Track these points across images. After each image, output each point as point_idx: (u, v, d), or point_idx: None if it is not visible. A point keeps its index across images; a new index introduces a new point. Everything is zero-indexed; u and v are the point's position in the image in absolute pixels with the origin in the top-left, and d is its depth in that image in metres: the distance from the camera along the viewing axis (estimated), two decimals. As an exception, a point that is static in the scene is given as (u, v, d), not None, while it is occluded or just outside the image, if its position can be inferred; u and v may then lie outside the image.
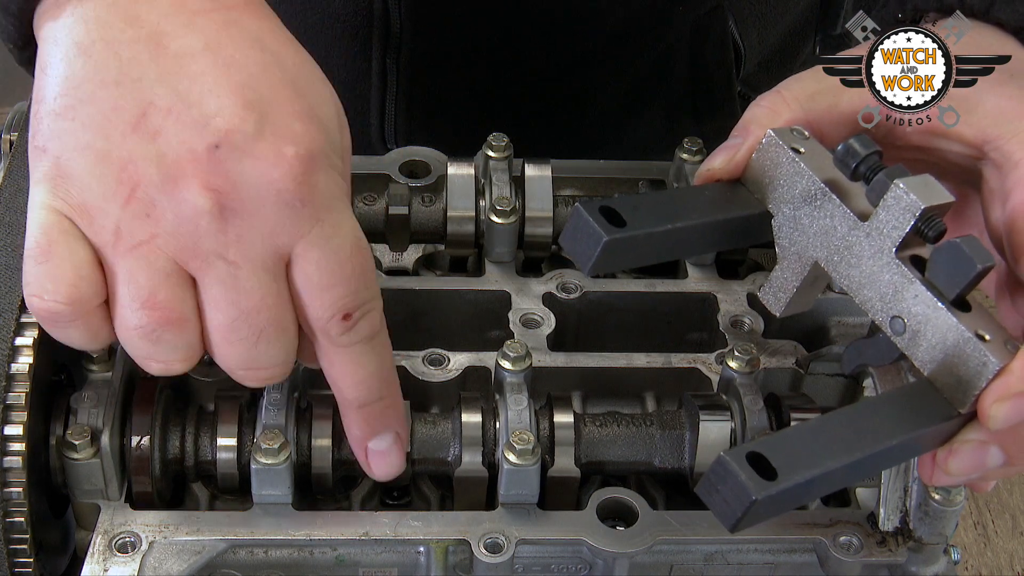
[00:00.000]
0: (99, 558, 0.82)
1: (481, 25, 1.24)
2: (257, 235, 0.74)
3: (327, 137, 0.77)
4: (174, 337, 0.75)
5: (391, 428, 0.83)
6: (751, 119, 0.85)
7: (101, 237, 0.74)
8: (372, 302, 0.79)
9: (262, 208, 0.73)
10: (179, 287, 0.74)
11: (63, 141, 0.74)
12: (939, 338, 0.76)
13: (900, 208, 0.76)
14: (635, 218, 0.77)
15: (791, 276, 0.83)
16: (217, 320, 0.75)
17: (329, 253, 0.75)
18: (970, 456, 0.76)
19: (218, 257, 0.73)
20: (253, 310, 0.74)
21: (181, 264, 0.74)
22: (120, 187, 0.73)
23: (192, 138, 0.73)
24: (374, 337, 0.80)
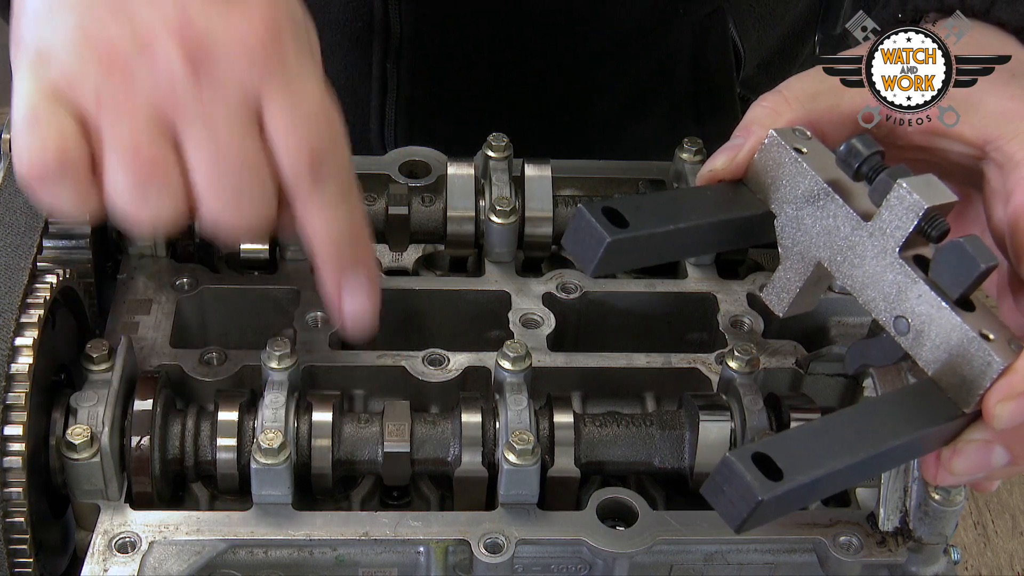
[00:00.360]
0: (99, 558, 0.82)
1: (481, 30, 1.24)
2: (231, 91, 0.78)
3: (293, 9, 0.83)
4: (160, 186, 0.78)
5: (361, 267, 0.86)
6: (753, 119, 0.85)
7: (84, 103, 0.77)
8: (340, 158, 0.83)
9: (231, 59, 0.78)
10: (161, 140, 0.78)
11: (42, 32, 0.79)
12: (943, 338, 0.76)
13: (903, 208, 0.76)
14: (638, 219, 0.77)
15: (794, 276, 0.83)
16: (199, 175, 0.78)
17: (295, 104, 0.80)
18: (974, 456, 0.76)
19: (195, 114, 0.77)
20: (232, 163, 0.78)
21: (161, 121, 0.77)
22: (99, 56, 0.77)
23: (164, 7, 0.78)
24: (343, 193, 0.83)
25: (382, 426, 0.88)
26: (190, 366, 0.93)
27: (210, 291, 0.99)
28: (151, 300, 0.98)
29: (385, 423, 0.88)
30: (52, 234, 0.92)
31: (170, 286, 0.99)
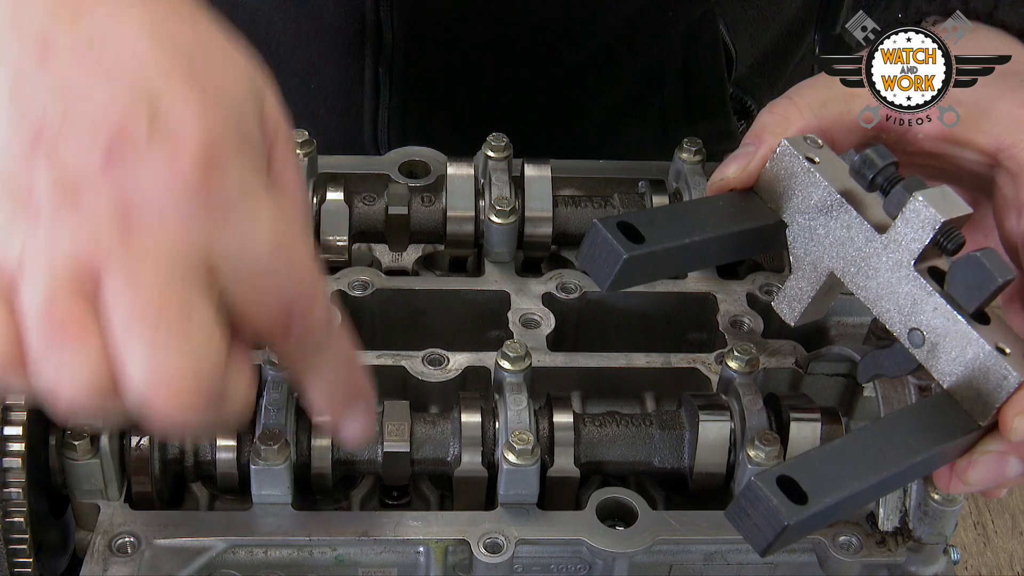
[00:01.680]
0: (99, 558, 0.82)
1: (473, 35, 1.24)
2: (160, 241, 0.67)
3: (232, 118, 0.70)
4: (73, 345, 0.67)
5: (356, 403, 0.76)
6: (763, 127, 0.85)
7: (8, 262, 0.68)
8: (308, 300, 0.71)
9: (163, 214, 0.67)
10: (80, 299, 0.67)
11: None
12: (959, 351, 0.76)
13: (919, 221, 0.76)
14: (652, 233, 0.77)
15: (806, 286, 0.83)
16: (114, 325, 0.67)
17: (246, 252, 0.68)
18: (990, 466, 0.76)
19: (119, 268, 0.67)
20: (150, 307, 0.66)
21: (82, 278, 0.67)
22: (25, 213, 0.68)
23: (85, 147, 0.67)
24: (320, 336, 0.72)
25: (382, 426, 0.88)
26: (190, 366, 0.93)
27: (210, 291, 0.99)
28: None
29: (385, 423, 0.88)
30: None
31: (170, 286, 0.99)
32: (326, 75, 1.28)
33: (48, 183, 0.67)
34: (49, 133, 0.68)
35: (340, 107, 1.30)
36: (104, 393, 0.67)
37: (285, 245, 0.69)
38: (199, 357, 0.67)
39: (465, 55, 1.26)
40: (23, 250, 0.67)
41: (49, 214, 0.67)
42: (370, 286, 1.00)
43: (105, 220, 0.66)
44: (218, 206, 0.68)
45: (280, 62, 1.30)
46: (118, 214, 0.67)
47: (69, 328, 0.66)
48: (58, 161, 0.67)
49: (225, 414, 0.69)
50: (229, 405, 0.69)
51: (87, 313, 0.67)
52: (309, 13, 1.24)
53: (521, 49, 1.26)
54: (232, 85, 0.72)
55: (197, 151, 0.67)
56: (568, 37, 1.26)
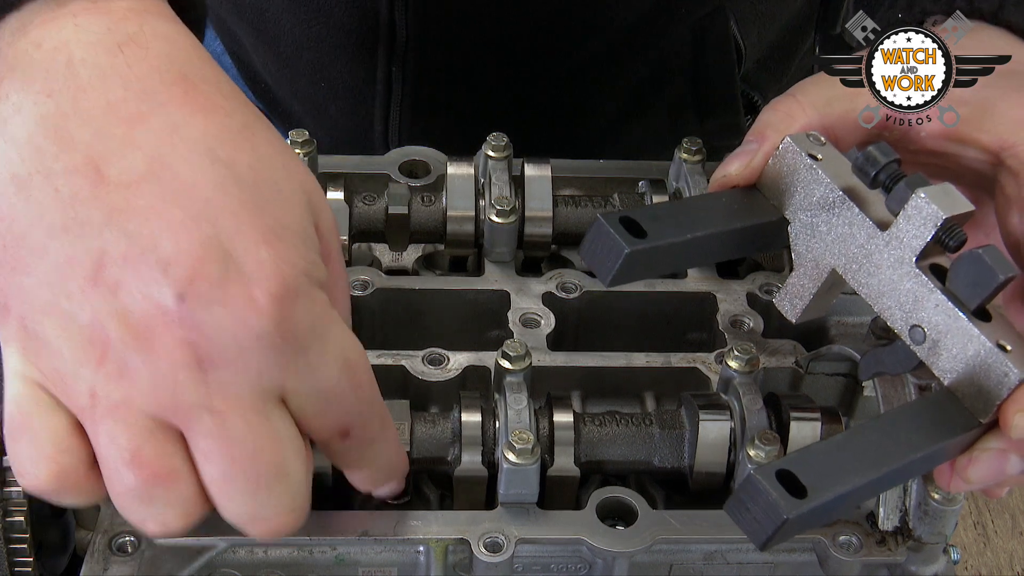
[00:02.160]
0: (99, 558, 0.82)
1: (484, 33, 1.24)
2: (241, 382, 0.68)
3: (300, 250, 0.71)
4: (166, 493, 0.69)
5: (393, 479, 0.82)
6: (766, 124, 0.85)
7: (77, 402, 0.69)
8: (369, 412, 0.75)
9: (242, 355, 0.68)
10: (165, 442, 0.69)
11: (24, 300, 0.69)
12: (960, 348, 0.76)
13: (921, 218, 0.76)
14: (655, 229, 0.77)
15: (808, 283, 0.83)
16: (211, 472, 0.69)
17: (319, 385, 0.71)
18: (990, 464, 0.76)
19: (202, 409, 0.68)
20: (247, 457, 0.69)
21: (164, 420, 0.69)
22: (91, 350, 0.68)
23: (154, 291, 0.67)
24: (376, 442, 0.77)
25: (382, 425, 0.88)
26: (190, 365, 0.93)
27: (210, 290, 0.99)
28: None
29: (385, 423, 0.88)
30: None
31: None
32: (336, 74, 1.28)
33: (115, 322, 0.67)
34: (110, 268, 0.67)
35: (350, 106, 1.30)
36: (197, 521, 0.71)
37: (350, 367, 0.72)
38: (296, 491, 0.72)
39: (477, 54, 1.26)
40: (94, 390, 0.68)
41: (120, 356, 0.67)
42: (370, 286, 1.00)
43: (181, 363, 0.67)
44: (292, 343, 0.69)
45: (290, 61, 1.30)
46: (193, 357, 0.67)
47: (160, 477, 0.69)
48: (126, 300, 0.67)
49: None
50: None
51: (175, 458, 0.69)
52: (320, 12, 1.24)
53: (531, 46, 1.26)
54: (295, 215, 0.72)
55: (272, 293, 0.68)
56: (580, 35, 1.26)
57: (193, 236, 0.67)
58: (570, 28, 1.26)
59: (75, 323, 0.68)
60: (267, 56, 1.32)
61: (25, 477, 0.70)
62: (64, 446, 0.69)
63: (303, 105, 1.34)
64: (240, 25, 1.30)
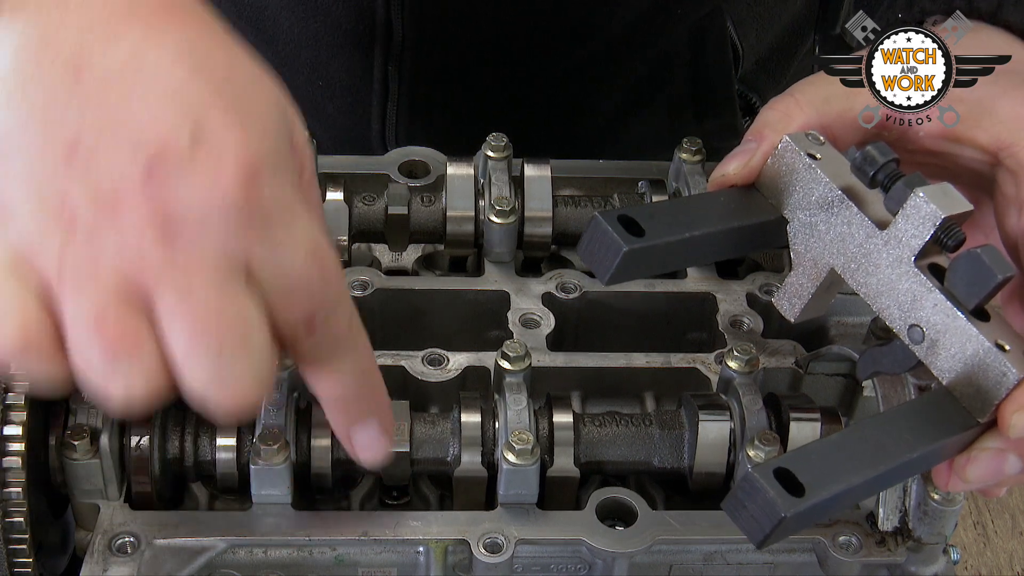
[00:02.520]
0: (98, 558, 0.82)
1: (481, 32, 1.24)
2: (206, 250, 0.69)
3: (269, 140, 0.73)
4: (130, 359, 0.70)
5: (372, 417, 0.81)
6: (765, 123, 0.85)
7: (44, 273, 0.70)
8: (335, 305, 0.75)
9: (207, 225, 0.69)
10: (130, 309, 0.69)
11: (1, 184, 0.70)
12: (958, 348, 0.76)
13: (920, 217, 0.76)
14: (653, 227, 0.77)
15: (806, 282, 0.83)
16: (176, 340, 0.70)
17: (282, 264, 0.72)
18: (988, 463, 0.76)
19: (168, 277, 0.69)
20: (210, 322, 0.69)
21: (130, 287, 0.69)
22: (59, 220, 0.69)
23: (125, 162, 0.69)
24: (342, 339, 0.76)
25: (382, 426, 0.88)
26: (190, 366, 0.93)
27: (210, 291, 0.99)
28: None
29: (385, 423, 0.88)
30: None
31: (170, 286, 0.99)
32: (334, 73, 1.28)
33: (85, 196, 0.69)
34: (85, 148, 0.69)
35: (348, 105, 1.30)
36: (160, 396, 0.70)
37: (318, 255, 0.73)
38: (259, 363, 0.71)
39: (474, 54, 1.26)
40: (61, 260, 0.69)
41: (88, 226, 0.68)
42: (370, 286, 1.00)
43: (148, 232, 0.68)
44: (258, 218, 0.70)
45: (287, 60, 1.30)
46: (160, 226, 0.68)
47: (124, 341, 0.69)
48: (95, 175, 0.69)
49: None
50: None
51: (140, 324, 0.69)
52: (317, 11, 1.24)
53: (529, 46, 1.26)
54: (266, 110, 0.74)
55: (239, 167, 0.69)
56: (577, 35, 1.26)
57: (166, 116, 0.69)
58: (567, 28, 1.26)
59: (46, 196, 0.69)
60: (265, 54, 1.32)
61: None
62: (31, 312, 0.69)
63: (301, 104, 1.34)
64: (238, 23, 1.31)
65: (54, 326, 0.70)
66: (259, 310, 0.71)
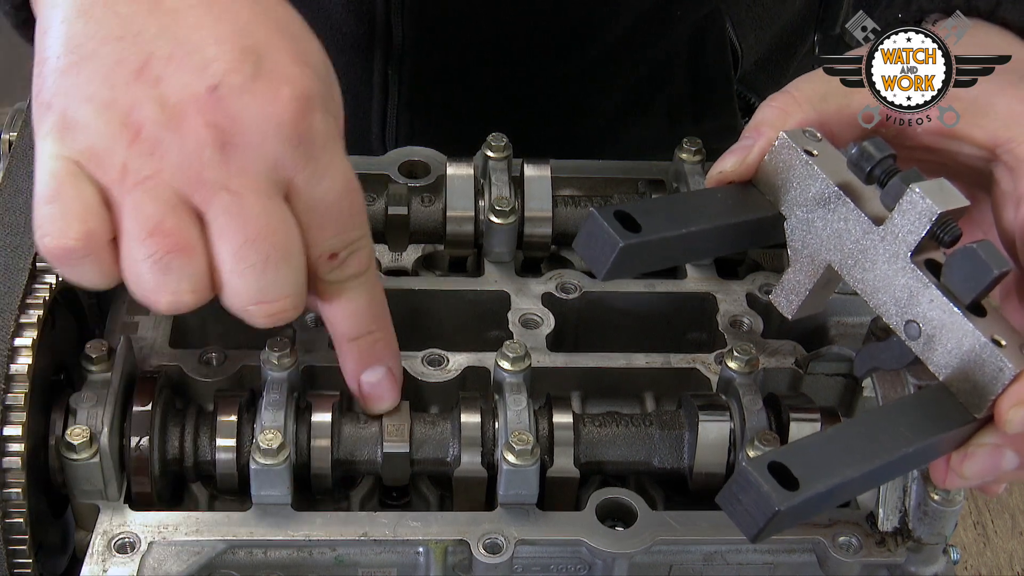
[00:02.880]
0: (98, 558, 0.82)
1: (481, 35, 1.24)
2: (259, 166, 0.76)
3: (320, 82, 0.80)
4: (182, 264, 0.76)
5: (383, 362, 0.87)
6: (762, 120, 0.85)
7: (108, 176, 0.76)
8: (360, 241, 0.82)
9: (262, 142, 0.76)
10: (186, 216, 0.76)
11: (68, 95, 0.77)
12: (955, 343, 0.76)
13: (916, 213, 0.76)
14: (649, 223, 0.77)
15: (804, 279, 0.83)
16: (224, 249, 0.76)
17: (321, 193, 0.79)
18: (985, 459, 0.76)
19: (222, 187, 0.76)
20: (259, 235, 0.76)
21: (187, 197, 0.76)
22: (125, 129, 0.76)
23: (193, 81, 0.76)
24: (362, 274, 0.83)
25: (381, 426, 0.88)
26: (190, 366, 0.93)
27: (209, 291, 0.99)
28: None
29: (384, 423, 0.88)
30: (51, 234, 0.92)
31: (169, 286, 0.99)
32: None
33: (152, 109, 0.75)
34: (155, 66, 0.76)
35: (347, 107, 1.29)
36: (201, 302, 0.78)
37: (351, 190, 0.81)
38: (298, 276, 0.79)
39: (473, 54, 1.26)
40: (125, 166, 0.76)
41: (153, 136, 0.76)
42: (370, 286, 1.00)
43: (208, 145, 0.75)
44: (307, 145, 0.78)
45: None
46: (219, 140, 0.76)
47: (179, 247, 0.76)
48: (163, 91, 0.76)
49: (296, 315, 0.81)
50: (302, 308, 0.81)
51: (193, 232, 0.76)
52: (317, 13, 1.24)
53: (528, 48, 1.26)
54: (318, 57, 0.82)
55: (295, 97, 0.77)
56: (576, 37, 1.26)
57: (234, 45, 0.77)
58: (567, 30, 1.26)
59: (114, 108, 0.76)
60: None
61: (52, 236, 0.76)
62: (93, 210, 0.76)
63: None
64: None
65: (111, 228, 0.76)
66: (296, 225, 0.78)
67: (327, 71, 0.82)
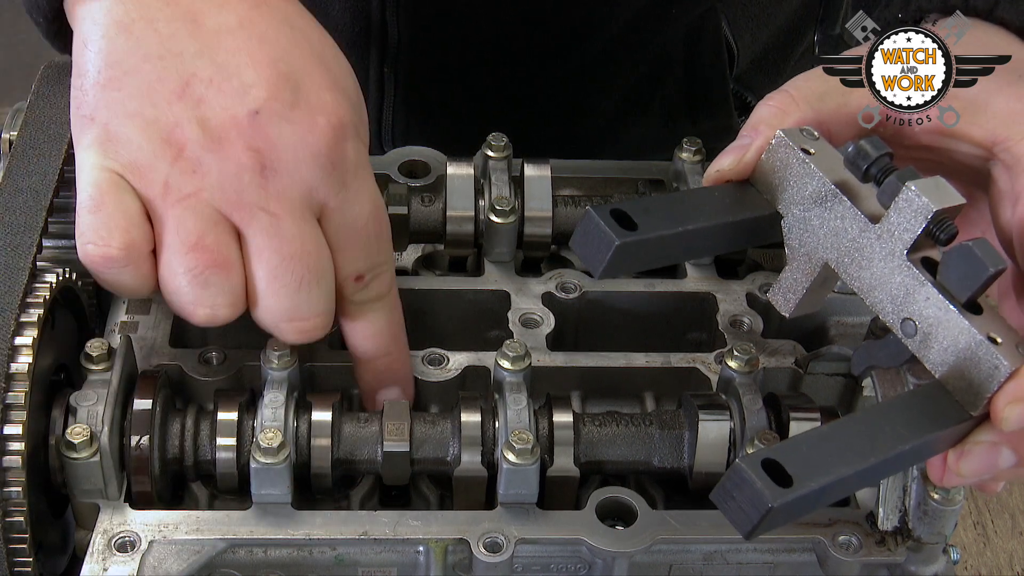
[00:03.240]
0: (98, 558, 0.82)
1: (477, 34, 1.24)
2: (295, 191, 0.80)
3: (353, 109, 0.84)
4: (221, 280, 0.80)
5: (398, 382, 0.91)
6: (760, 119, 0.85)
7: (151, 190, 0.79)
8: (384, 265, 0.86)
9: (299, 168, 0.80)
10: (225, 234, 0.79)
11: (111, 109, 0.80)
12: (951, 341, 0.76)
13: (912, 211, 0.76)
14: (646, 221, 0.77)
15: (801, 277, 0.83)
16: (261, 268, 0.80)
17: (352, 217, 0.83)
18: (982, 457, 0.76)
19: (260, 209, 0.79)
20: (294, 256, 0.80)
21: (226, 216, 0.79)
22: (168, 147, 0.79)
23: (234, 105, 0.79)
24: (383, 297, 0.87)
25: (381, 426, 0.88)
26: (190, 366, 0.93)
27: (210, 291, 0.99)
28: (150, 300, 0.98)
29: (384, 423, 0.88)
30: (52, 234, 0.92)
31: (170, 286, 0.99)
32: None
33: (195, 128, 0.79)
34: (198, 87, 0.80)
35: None
36: (233, 316, 0.82)
37: (379, 214, 0.85)
38: (328, 299, 0.83)
39: (470, 54, 1.26)
40: (168, 181, 0.79)
41: (196, 154, 0.79)
42: (370, 286, 1.00)
43: (248, 167, 0.79)
44: (340, 171, 0.82)
45: None
46: (259, 163, 0.79)
47: (217, 263, 0.79)
48: (206, 111, 0.79)
49: None
50: None
51: (232, 249, 0.80)
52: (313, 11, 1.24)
53: (526, 49, 1.26)
54: (351, 84, 0.86)
55: (330, 124, 0.81)
56: (572, 36, 1.26)
57: (273, 71, 0.80)
58: (563, 30, 1.26)
59: (157, 125, 0.79)
60: None
61: (95, 244, 0.80)
62: (135, 221, 0.79)
63: None
64: None
65: (152, 240, 0.80)
66: (331, 257, 0.83)
67: (358, 96, 0.86)
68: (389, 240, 0.87)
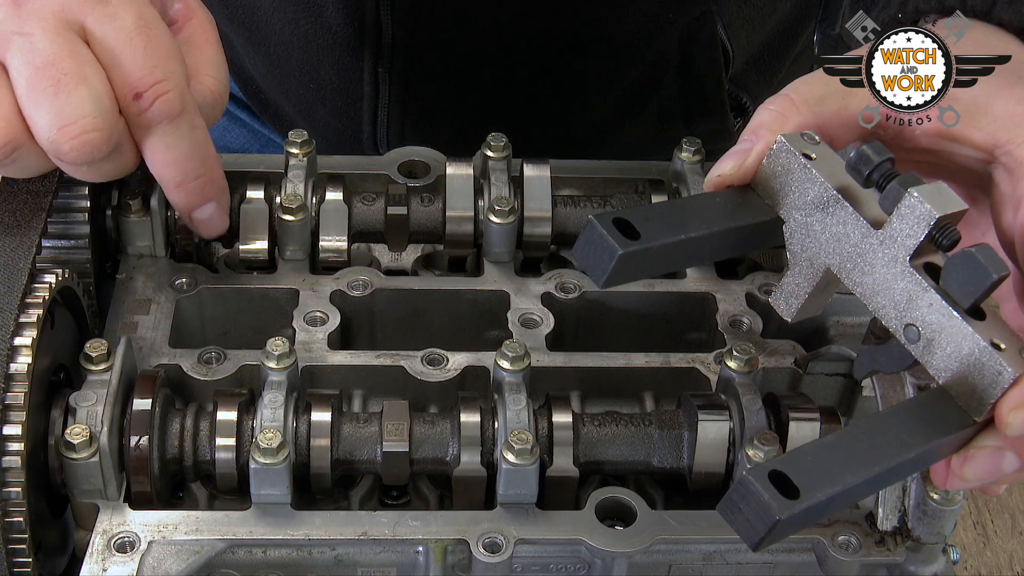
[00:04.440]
0: (98, 558, 0.82)
1: (472, 36, 1.24)
2: (47, 9, 0.83)
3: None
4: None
5: (211, 199, 0.92)
6: (760, 123, 0.85)
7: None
8: (165, 84, 0.85)
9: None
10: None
11: None
12: (954, 347, 0.76)
13: (914, 217, 0.76)
14: (648, 230, 0.77)
15: (803, 282, 0.83)
16: (21, 84, 0.82)
17: (112, 31, 0.84)
18: (986, 462, 0.76)
19: (15, 34, 0.82)
20: (47, 64, 0.81)
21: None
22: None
23: None
24: (177, 118, 0.86)
25: (381, 426, 0.88)
26: (189, 366, 0.93)
27: (209, 291, 0.99)
28: (150, 300, 0.98)
29: (384, 423, 0.88)
30: (51, 234, 0.92)
31: (169, 286, 0.99)
32: (325, 75, 1.28)
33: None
34: None
35: (339, 107, 1.30)
36: (16, 146, 0.83)
37: (143, 31, 0.85)
38: (99, 99, 0.82)
39: (464, 55, 1.26)
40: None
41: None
42: (369, 286, 1.00)
43: (5, 1, 0.83)
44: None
45: (279, 62, 1.30)
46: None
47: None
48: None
49: (122, 163, 0.87)
50: (126, 155, 0.86)
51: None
52: (308, 13, 1.24)
53: (520, 49, 1.26)
54: None
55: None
56: (568, 37, 1.26)
57: None
58: (558, 31, 1.25)
59: None
60: (257, 57, 1.33)
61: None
62: None
63: (294, 107, 1.35)
64: (231, 27, 1.31)
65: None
66: (96, 63, 0.83)
67: None
68: (169, 60, 0.86)
